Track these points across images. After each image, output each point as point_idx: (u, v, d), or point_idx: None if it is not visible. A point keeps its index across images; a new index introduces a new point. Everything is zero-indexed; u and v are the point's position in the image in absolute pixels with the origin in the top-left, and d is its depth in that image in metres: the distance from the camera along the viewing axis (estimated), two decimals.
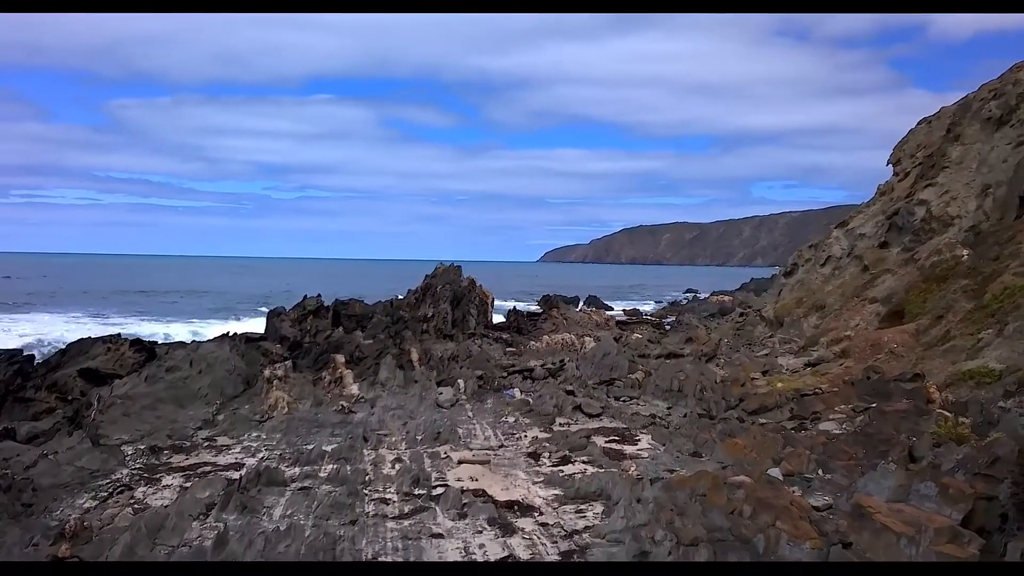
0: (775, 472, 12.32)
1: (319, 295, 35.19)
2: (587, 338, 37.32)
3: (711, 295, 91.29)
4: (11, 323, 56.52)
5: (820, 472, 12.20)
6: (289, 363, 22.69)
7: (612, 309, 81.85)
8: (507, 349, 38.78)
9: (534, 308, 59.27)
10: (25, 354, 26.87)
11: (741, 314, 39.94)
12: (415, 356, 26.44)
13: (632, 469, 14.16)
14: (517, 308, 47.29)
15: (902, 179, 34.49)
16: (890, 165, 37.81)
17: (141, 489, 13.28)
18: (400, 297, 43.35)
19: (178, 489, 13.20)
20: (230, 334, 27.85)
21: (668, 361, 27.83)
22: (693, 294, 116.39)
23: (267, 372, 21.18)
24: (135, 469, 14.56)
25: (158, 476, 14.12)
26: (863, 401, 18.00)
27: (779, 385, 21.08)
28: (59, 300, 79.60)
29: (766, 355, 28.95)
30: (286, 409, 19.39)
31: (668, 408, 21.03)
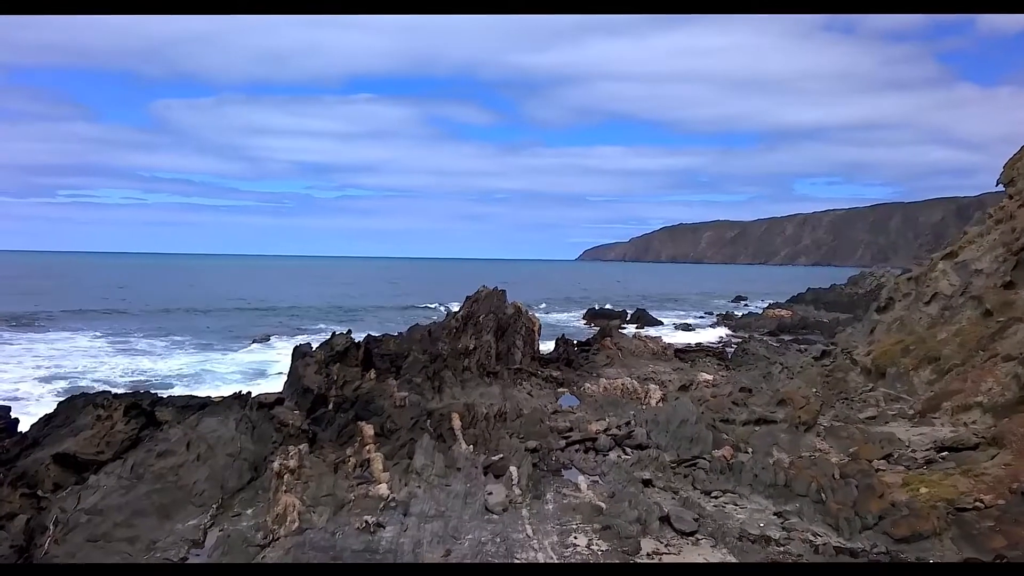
0: None
1: (349, 330, 31.25)
2: (651, 384, 32.96)
3: (767, 308, 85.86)
4: (29, 343, 53.76)
5: None
6: (305, 446, 18.65)
7: (662, 323, 77.35)
8: (558, 390, 34.75)
9: (583, 330, 54.85)
10: (12, 416, 23.24)
11: (824, 352, 35.13)
12: (457, 423, 22.35)
13: None
14: (566, 337, 43.01)
15: (1021, 204, 29.51)
16: (1000, 186, 32.83)
17: None
18: (448, 309, 39.70)
19: None
20: (241, 394, 23.67)
21: (757, 429, 23.43)
22: (743, 303, 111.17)
23: (277, 464, 17.18)
24: None
25: None
26: None
27: (923, 490, 16.60)
28: (89, 317, 77.02)
29: (873, 419, 24.41)
30: (296, 523, 15.36)
31: (778, 515, 16.66)
